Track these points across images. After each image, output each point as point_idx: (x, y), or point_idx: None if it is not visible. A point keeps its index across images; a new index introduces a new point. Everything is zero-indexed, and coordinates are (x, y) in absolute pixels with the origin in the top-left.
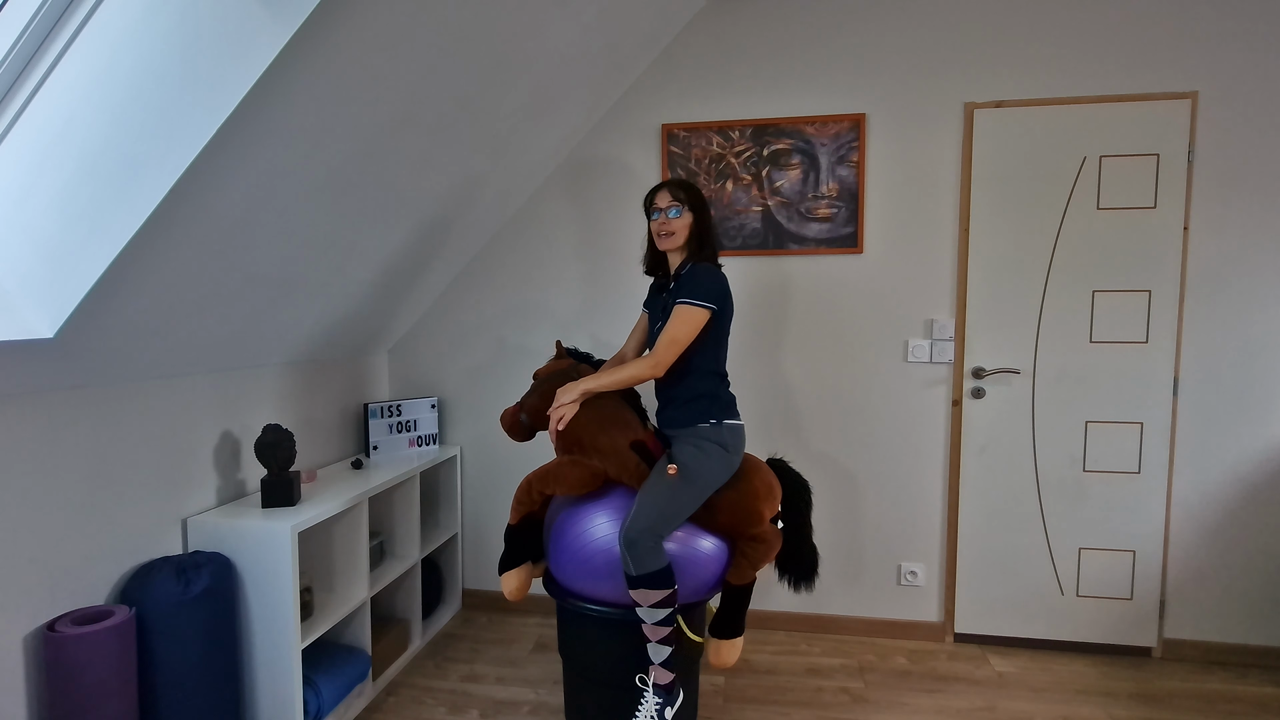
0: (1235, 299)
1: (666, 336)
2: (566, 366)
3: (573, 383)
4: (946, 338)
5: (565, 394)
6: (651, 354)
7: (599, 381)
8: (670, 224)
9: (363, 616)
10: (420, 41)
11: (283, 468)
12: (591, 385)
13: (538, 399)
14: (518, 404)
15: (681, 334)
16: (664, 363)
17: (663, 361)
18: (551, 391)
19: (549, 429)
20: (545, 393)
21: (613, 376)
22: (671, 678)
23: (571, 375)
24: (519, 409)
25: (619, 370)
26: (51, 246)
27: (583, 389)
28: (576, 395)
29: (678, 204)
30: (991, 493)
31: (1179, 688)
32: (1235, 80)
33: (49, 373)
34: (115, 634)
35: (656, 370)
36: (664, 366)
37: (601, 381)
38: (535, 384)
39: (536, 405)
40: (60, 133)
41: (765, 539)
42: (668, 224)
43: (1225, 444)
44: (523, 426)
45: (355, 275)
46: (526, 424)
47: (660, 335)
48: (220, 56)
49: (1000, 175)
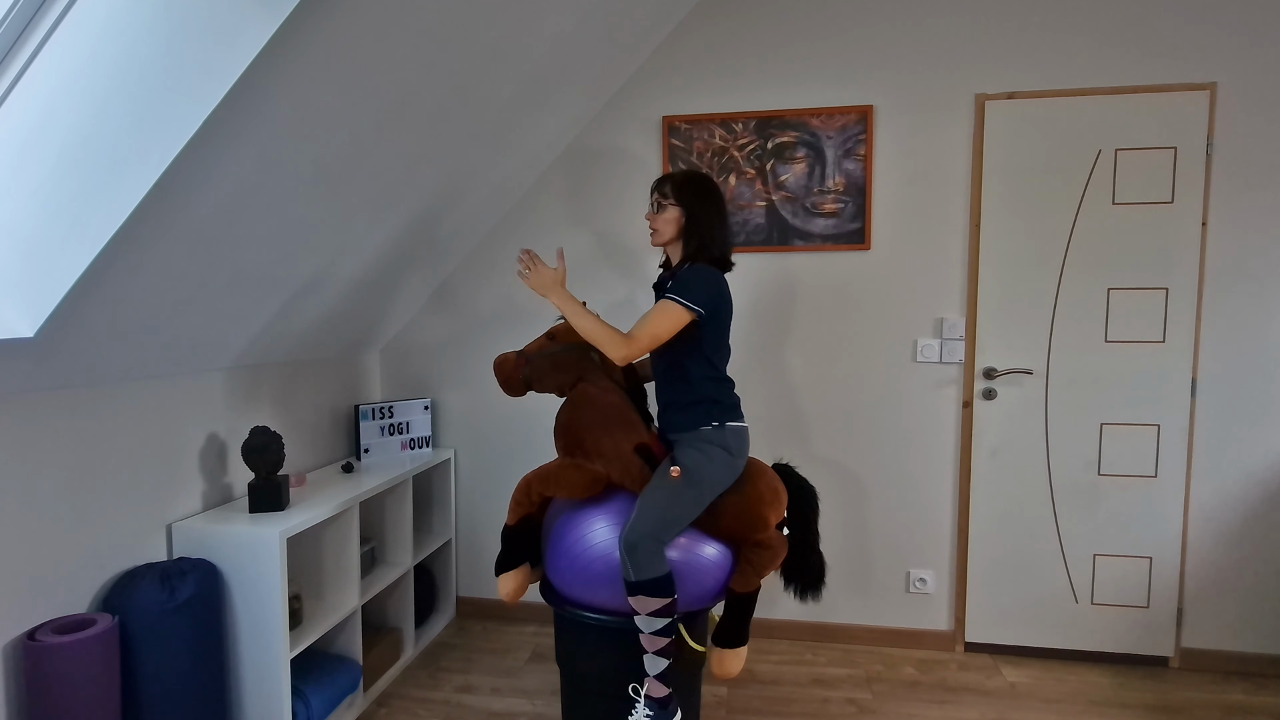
0: (1255, 296)
1: (646, 328)
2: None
3: (555, 285)
4: (957, 337)
5: (541, 286)
6: (627, 338)
7: (572, 308)
8: (653, 220)
9: (353, 625)
10: (414, 29)
11: (271, 471)
12: (565, 307)
13: (549, 364)
14: (521, 356)
15: (660, 329)
16: (635, 353)
17: (635, 352)
18: (565, 362)
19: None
20: (558, 361)
21: (585, 320)
22: (667, 692)
23: (589, 350)
24: (523, 362)
25: (596, 323)
26: (31, 243)
27: (555, 300)
28: (545, 294)
29: (662, 199)
30: (1003, 497)
31: (1197, 699)
32: (1255, 70)
33: (29, 373)
34: (97, 643)
35: (624, 356)
36: (634, 356)
37: (574, 311)
38: (548, 346)
39: (544, 370)
40: (40, 125)
41: (770, 545)
42: (651, 219)
43: (1245, 447)
44: (521, 383)
45: (346, 272)
46: (525, 381)
47: (640, 323)
48: (206, 46)
49: (1012, 169)
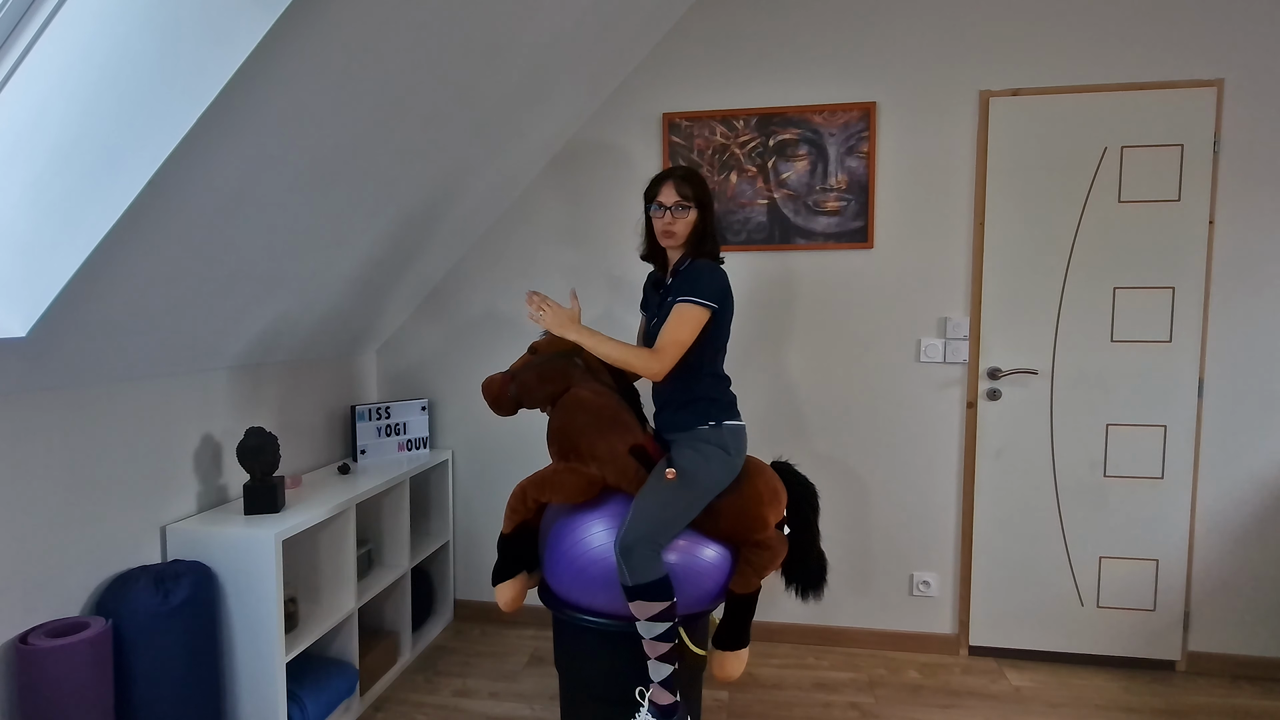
0: (1263, 295)
1: (669, 337)
2: (570, 348)
3: (571, 324)
4: (961, 336)
5: (558, 326)
6: (655, 353)
7: (594, 341)
8: (674, 223)
9: (350, 628)
10: (410, 23)
11: (266, 473)
12: (586, 341)
13: (534, 377)
14: (508, 374)
15: (684, 334)
16: (667, 365)
17: (666, 364)
18: (551, 372)
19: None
20: (544, 373)
21: (609, 347)
22: (672, 699)
23: (574, 357)
24: (509, 379)
25: (620, 347)
26: (24, 242)
27: (575, 338)
28: (564, 333)
29: (685, 203)
30: (1008, 499)
31: (1204, 703)
32: (1263, 67)
33: (21, 374)
34: (91, 647)
35: (658, 371)
36: (666, 369)
37: (597, 343)
38: (532, 359)
39: (531, 383)
40: (32, 122)
41: (770, 546)
42: (672, 223)
43: (1253, 448)
44: (510, 401)
45: (343, 271)
46: (514, 399)
47: (662, 334)
48: (201, 41)
49: (1017, 167)
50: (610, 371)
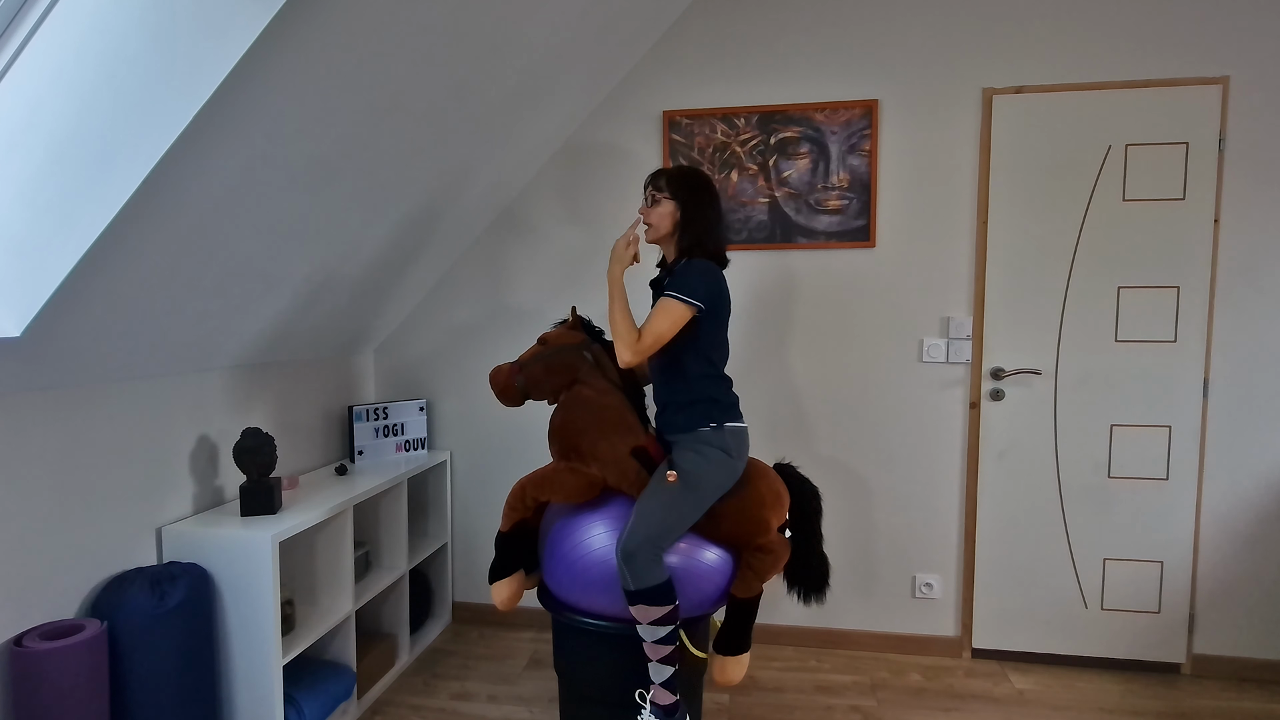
0: (1269, 295)
1: (647, 328)
2: (579, 341)
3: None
4: (964, 336)
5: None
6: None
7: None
8: (647, 214)
9: (347, 631)
10: (409, 23)
11: (263, 474)
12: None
13: (541, 369)
14: (515, 364)
15: (663, 328)
16: (641, 355)
17: (640, 353)
18: (558, 365)
19: (626, 234)
20: (552, 365)
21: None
22: (674, 700)
23: (582, 350)
24: (517, 370)
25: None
26: (18, 241)
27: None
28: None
29: (656, 193)
30: (1011, 500)
31: (1209, 706)
32: (1269, 64)
33: (15, 374)
34: (86, 649)
35: (629, 360)
36: (641, 356)
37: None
38: (540, 351)
39: (538, 376)
40: (26, 120)
41: (772, 549)
42: (645, 213)
43: (1258, 448)
44: (517, 392)
45: (340, 270)
46: (521, 390)
47: (643, 325)
48: (196, 38)
49: (1020, 165)
50: (618, 369)
